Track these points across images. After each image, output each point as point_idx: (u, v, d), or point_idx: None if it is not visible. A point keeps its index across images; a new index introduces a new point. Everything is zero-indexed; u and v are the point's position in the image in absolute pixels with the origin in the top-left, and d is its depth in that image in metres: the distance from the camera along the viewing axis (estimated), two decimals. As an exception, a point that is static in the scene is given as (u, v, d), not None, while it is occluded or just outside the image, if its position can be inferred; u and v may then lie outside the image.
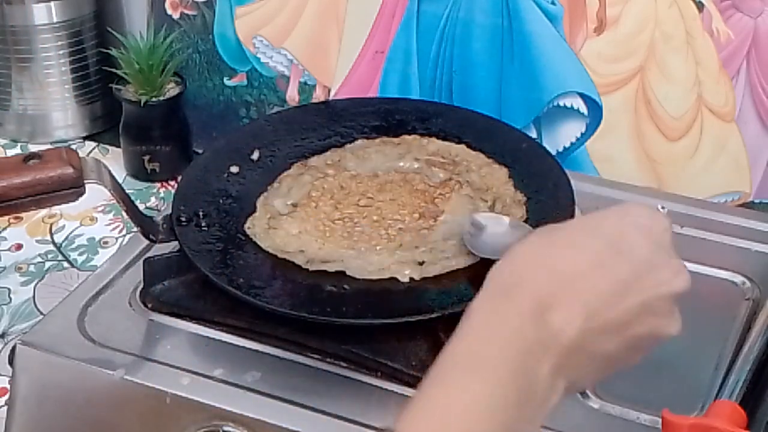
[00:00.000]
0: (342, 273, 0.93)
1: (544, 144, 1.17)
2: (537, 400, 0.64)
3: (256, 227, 0.98)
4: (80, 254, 1.20)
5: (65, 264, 1.19)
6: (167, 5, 1.34)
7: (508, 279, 0.66)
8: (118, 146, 1.33)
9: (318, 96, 1.30)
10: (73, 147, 1.09)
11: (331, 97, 1.29)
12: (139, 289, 0.96)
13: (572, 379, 0.66)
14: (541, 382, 0.64)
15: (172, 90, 1.29)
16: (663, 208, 0.77)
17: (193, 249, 0.94)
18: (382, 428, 0.69)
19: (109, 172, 0.92)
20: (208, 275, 0.91)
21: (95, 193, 0.94)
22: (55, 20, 1.35)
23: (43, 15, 1.34)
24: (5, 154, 1.38)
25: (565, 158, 1.19)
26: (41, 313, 1.11)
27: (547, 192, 0.99)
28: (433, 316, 0.86)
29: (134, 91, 1.28)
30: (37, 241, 1.23)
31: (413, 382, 0.84)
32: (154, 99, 1.27)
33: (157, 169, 1.30)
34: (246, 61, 1.32)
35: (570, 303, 0.64)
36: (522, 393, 0.63)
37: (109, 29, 1.36)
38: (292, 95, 1.31)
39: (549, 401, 0.65)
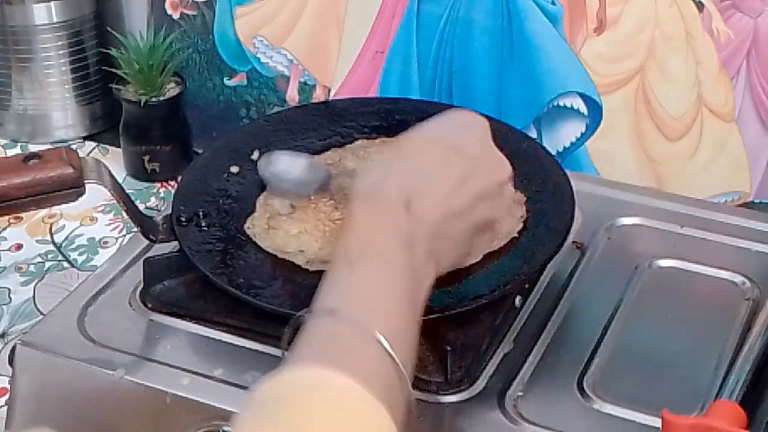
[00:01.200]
0: (342, 273, 0.93)
1: (544, 144, 1.17)
2: (422, 277, 0.76)
3: (255, 227, 0.98)
4: (80, 254, 1.20)
5: (65, 264, 1.19)
6: (167, 5, 1.34)
7: (374, 183, 0.78)
8: (118, 146, 1.33)
9: (318, 96, 1.30)
10: (73, 147, 1.09)
11: (331, 97, 1.29)
12: (139, 289, 0.96)
13: (438, 259, 0.78)
14: (421, 264, 0.76)
15: (172, 90, 1.29)
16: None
17: (193, 249, 0.94)
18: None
19: (109, 172, 0.92)
20: (208, 275, 0.91)
21: (95, 193, 0.94)
22: (55, 20, 1.34)
23: (43, 15, 1.34)
24: (5, 154, 1.38)
25: (565, 158, 1.19)
26: (41, 313, 1.11)
27: (547, 192, 0.99)
28: (433, 316, 0.86)
29: (134, 91, 1.28)
30: (37, 241, 1.23)
31: (413, 382, 0.84)
32: (154, 99, 1.27)
33: (157, 169, 1.30)
34: (246, 61, 1.32)
35: (428, 194, 0.78)
36: (410, 273, 0.74)
37: (109, 29, 1.36)
38: (292, 95, 1.31)
39: (429, 279, 0.77)
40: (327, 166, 1.00)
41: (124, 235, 1.22)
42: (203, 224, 0.97)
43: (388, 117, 1.11)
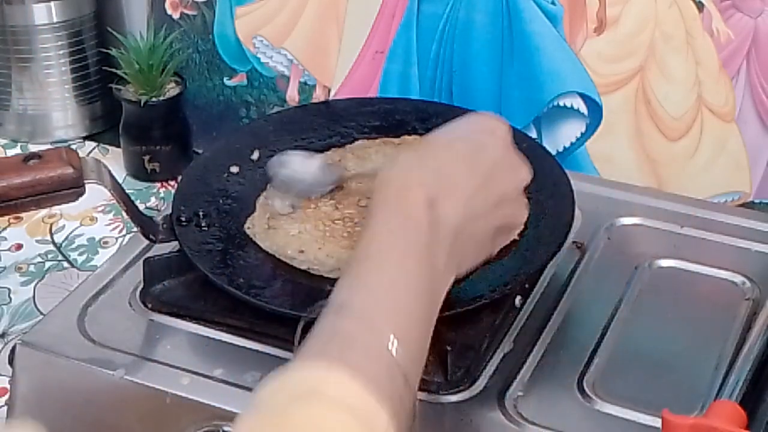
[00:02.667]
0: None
1: (544, 144, 1.17)
2: (440, 280, 0.76)
3: (255, 227, 0.98)
4: (80, 254, 1.20)
5: (65, 264, 1.19)
6: (167, 5, 1.34)
7: (398, 180, 0.77)
8: (118, 146, 1.33)
9: (318, 96, 1.30)
10: (73, 147, 1.09)
11: (331, 97, 1.29)
12: (139, 289, 0.96)
13: (459, 260, 0.78)
14: (440, 265, 0.76)
15: (172, 90, 1.29)
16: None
17: (193, 249, 0.94)
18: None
19: (109, 172, 0.92)
20: (208, 275, 0.91)
21: (95, 193, 0.94)
22: (55, 20, 1.34)
23: (43, 15, 1.34)
24: (5, 154, 1.38)
25: (565, 158, 1.19)
26: (41, 313, 1.11)
27: (547, 192, 0.99)
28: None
29: (134, 91, 1.28)
30: (37, 241, 1.23)
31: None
32: (154, 99, 1.27)
33: (157, 169, 1.30)
34: (246, 61, 1.32)
35: (451, 194, 0.77)
36: (428, 275, 0.74)
37: (109, 29, 1.36)
38: (292, 95, 1.31)
39: (447, 282, 0.77)
40: (340, 167, 1.00)
41: (124, 235, 1.22)
42: (203, 224, 0.97)
43: (388, 117, 1.11)
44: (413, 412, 0.71)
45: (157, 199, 1.29)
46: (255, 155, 1.06)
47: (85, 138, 1.40)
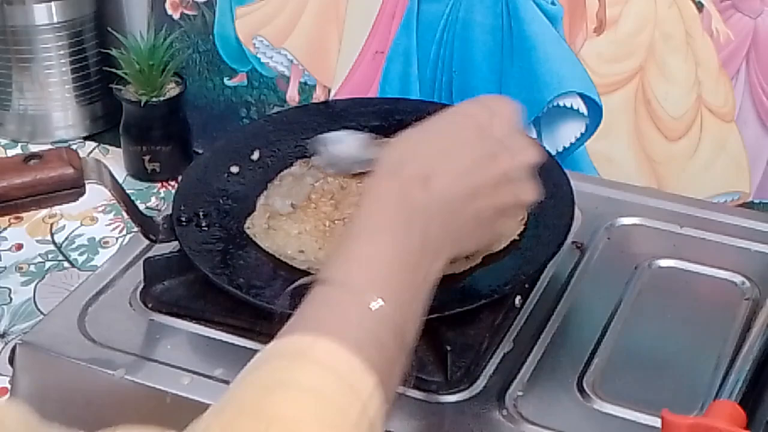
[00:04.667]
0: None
1: (544, 144, 1.17)
2: (431, 253, 0.75)
3: (255, 227, 0.98)
4: (80, 254, 1.20)
5: (66, 264, 1.19)
6: (167, 5, 1.34)
7: (395, 159, 0.78)
8: (119, 146, 1.33)
9: (318, 96, 1.30)
10: (74, 147, 1.09)
11: (331, 97, 1.29)
12: (140, 289, 0.96)
13: (456, 237, 0.78)
14: (433, 239, 0.75)
15: (172, 90, 1.29)
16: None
17: (193, 249, 0.94)
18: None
19: (110, 172, 0.92)
20: (208, 275, 0.91)
21: (95, 193, 0.94)
22: (55, 20, 1.34)
23: (44, 15, 1.34)
24: (6, 154, 1.38)
25: (565, 158, 1.19)
26: (42, 313, 1.11)
27: (547, 192, 0.99)
28: (433, 316, 0.86)
29: (134, 91, 1.28)
30: (37, 241, 1.23)
31: (412, 381, 0.84)
32: (154, 99, 1.27)
33: (158, 169, 1.30)
34: (246, 61, 1.32)
35: (446, 171, 0.77)
36: (420, 248, 0.74)
37: (110, 29, 1.36)
38: (292, 95, 1.31)
39: (441, 256, 0.76)
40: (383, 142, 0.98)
41: (125, 235, 1.22)
42: (203, 224, 0.98)
43: (388, 117, 1.11)
44: (407, 373, 0.72)
45: (158, 199, 1.29)
46: (255, 155, 1.06)
47: (86, 138, 1.40)
